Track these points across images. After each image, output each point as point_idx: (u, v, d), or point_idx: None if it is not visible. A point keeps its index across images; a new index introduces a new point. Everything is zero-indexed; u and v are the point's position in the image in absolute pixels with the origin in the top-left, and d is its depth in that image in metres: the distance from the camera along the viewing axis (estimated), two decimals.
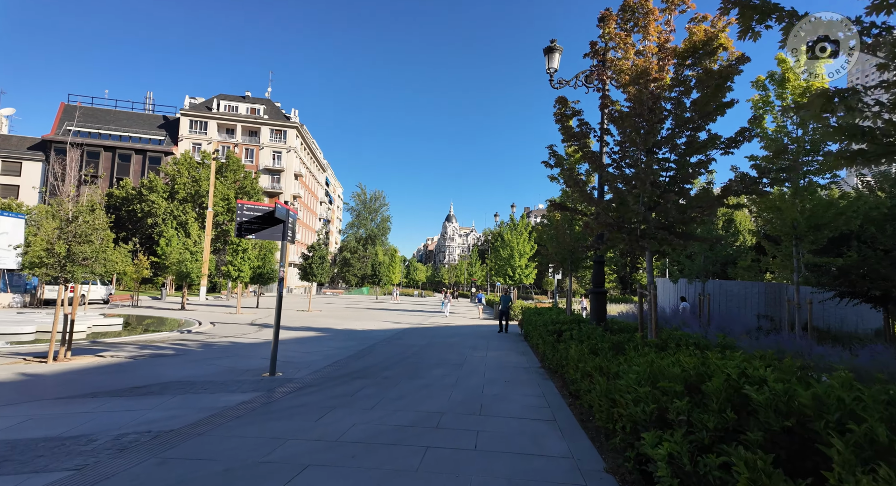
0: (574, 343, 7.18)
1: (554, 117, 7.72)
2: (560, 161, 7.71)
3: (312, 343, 12.94)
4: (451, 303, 30.76)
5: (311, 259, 27.64)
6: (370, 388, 7.21)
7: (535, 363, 10.23)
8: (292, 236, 8.82)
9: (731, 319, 15.90)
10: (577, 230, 12.97)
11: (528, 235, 28.23)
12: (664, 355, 5.23)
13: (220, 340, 13.19)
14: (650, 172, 6.42)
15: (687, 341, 6.49)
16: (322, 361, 9.96)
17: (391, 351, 11.69)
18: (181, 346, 11.66)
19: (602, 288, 9.77)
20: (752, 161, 10.94)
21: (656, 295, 6.70)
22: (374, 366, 9.40)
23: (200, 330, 15.56)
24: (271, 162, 64.42)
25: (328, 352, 11.28)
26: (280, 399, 6.34)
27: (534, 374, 8.90)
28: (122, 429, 4.86)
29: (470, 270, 74.86)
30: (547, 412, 6.03)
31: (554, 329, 9.09)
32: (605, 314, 9.80)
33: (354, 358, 10.44)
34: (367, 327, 18.30)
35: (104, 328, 15.51)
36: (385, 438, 4.75)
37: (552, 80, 10.14)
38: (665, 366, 4.31)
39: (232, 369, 8.65)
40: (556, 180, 13.23)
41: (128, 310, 23.58)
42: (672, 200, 6.33)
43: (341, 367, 9.24)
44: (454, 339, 14.95)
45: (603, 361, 5.49)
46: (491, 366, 9.71)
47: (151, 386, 7.03)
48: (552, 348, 8.75)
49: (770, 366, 3.90)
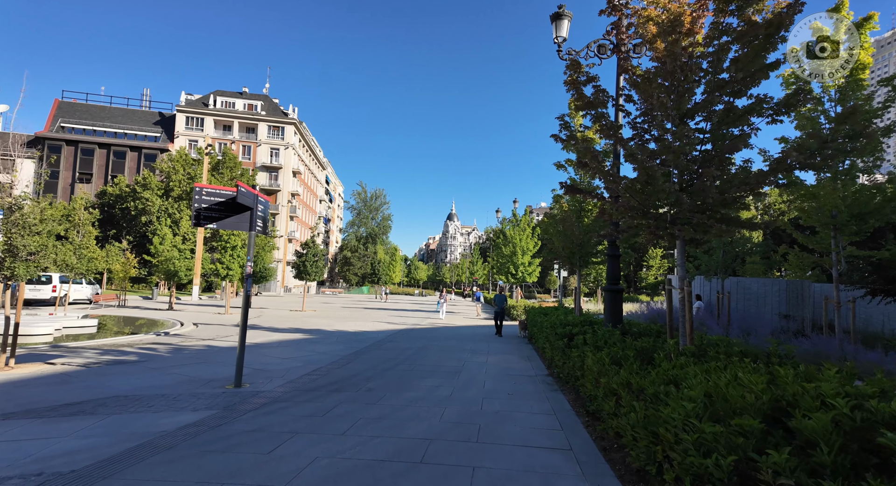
0: (590, 350, 6.03)
1: (565, 86, 6.55)
2: (572, 134, 6.53)
3: (295, 347, 11.80)
4: (447, 303, 28.41)
5: (306, 257, 26.52)
6: (348, 404, 6.06)
7: (542, 370, 9.08)
8: (263, 226, 7.67)
9: (750, 319, 14.72)
10: (587, 223, 11.81)
11: (530, 232, 27.05)
12: (709, 367, 4.08)
13: (196, 343, 12.06)
14: (686, 143, 5.26)
15: (729, 349, 5.34)
16: (301, 368, 8.82)
17: (381, 356, 10.55)
18: (149, 350, 10.54)
19: (618, 285, 8.62)
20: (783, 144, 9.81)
21: (690, 292, 5.53)
22: (359, 375, 8.26)
23: (179, 332, 14.45)
24: (269, 159, 63.30)
25: (310, 357, 10.14)
26: (234, 421, 5.20)
27: (541, 384, 7.75)
28: (4, 471, 3.72)
29: (472, 268, 73.73)
30: (560, 436, 4.88)
31: (564, 332, 7.93)
32: (622, 315, 8.64)
33: (339, 365, 9.30)
34: (360, 329, 17.16)
35: (77, 330, 14.40)
36: (351, 481, 3.61)
37: (560, 50, 8.96)
38: (721, 386, 3.17)
39: (193, 380, 7.51)
40: (564, 168, 12.11)
41: (111, 310, 22.49)
42: (712, 176, 5.16)
43: (321, 376, 8.10)
44: (452, 341, 13.80)
45: (631, 375, 4.34)
46: (492, 374, 8.57)
47: (87, 403, 5.90)
48: (562, 354, 7.60)
49: (884, 391, 2.75)
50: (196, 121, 61.90)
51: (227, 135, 62.55)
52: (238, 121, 62.92)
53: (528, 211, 27.95)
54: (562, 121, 6.53)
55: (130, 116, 62.29)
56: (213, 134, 61.56)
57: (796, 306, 16.34)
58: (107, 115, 60.88)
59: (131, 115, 62.52)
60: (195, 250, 33.45)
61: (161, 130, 61.46)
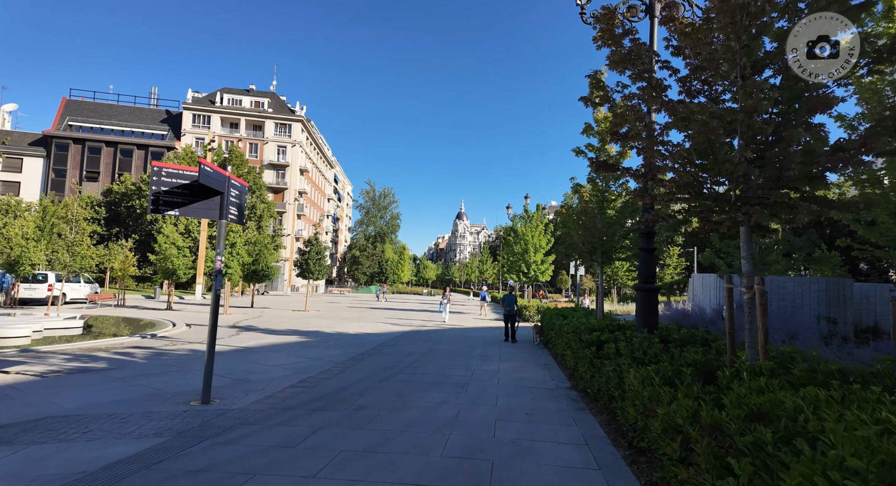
0: (627, 363, 4.85)
1: (595, 42, 5.37)
2: (606, 95, 5.31)
3: (287, 352, 10.73)
4: (450, 303, 23.64)
5: (308, 255, 25.51)
6: (329, 429, 4.94)
7: (562, 382, 7.90)
8: (238, 214, 6.58)
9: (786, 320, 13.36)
10: (611, 215, 10.59)
11: (543, 229, 25.80)
12: (811, 396, 2.88)
13: (180, 347, 11.04)
14: (761, 98, 4.04)
15: (817, 365, 4.12)
16: (286, 378, 7.73)
17: (380, 364, 9.43)
18: (124, 356, 9.53)
19: (653, 283, 7.41)
20: (841, 122, 8.56)
21: (763, 293, 4.32)
22: (352, 387, 7.14)
23: (168, 334, 13.46)
24: (276, 157, 62.58)
25: (301, 365, 9.05)
26: (179, 455, 4.10)
27: (563, 400, 6.58)
28: None
29: (481, 267, 72.47)
30: (598, 481, 3.71)
31: (591, 339, 6.73)
32: (657, 318, 7.43)
33: (331, 374, 8.20)
34: (362, 331, 16.07)
35: (60, 332, 13.48)
36: None
37: (584, 12, 7.76)
38: (871, 438, 1.98)
39: (157, 394, 6.44)
40: (584, 154, 10.92)
41: (108, 310, 21.66)
42: (797, 140, 3.94)
43: (307, 388, 6.99)
44: (460, 346, 12.65)
45: (703, 407, 3.15)
46: (505, 386, 7.40)
47: (10, 427, 4.84)
48: (589, 365, 6.42)
49: None
50: (203, 118, 61.37)
51: (234, 133, 61.94)
52: (245, 118, 62.27)
53: (540, 208, 26.67)
54: (594, 79, 5.34)
55: (137, 114, 61.94)
56: (220, 132, 60.99)
57: (837, 308, 14.95)
58: (114, 113, 60.59)
59: (138, 113, 62.18)
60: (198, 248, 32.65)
61: (168, 127, 61.02)
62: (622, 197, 10.66)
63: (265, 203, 51.30)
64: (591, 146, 10.74)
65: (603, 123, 10.47)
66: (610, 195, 10.76)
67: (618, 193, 10.65)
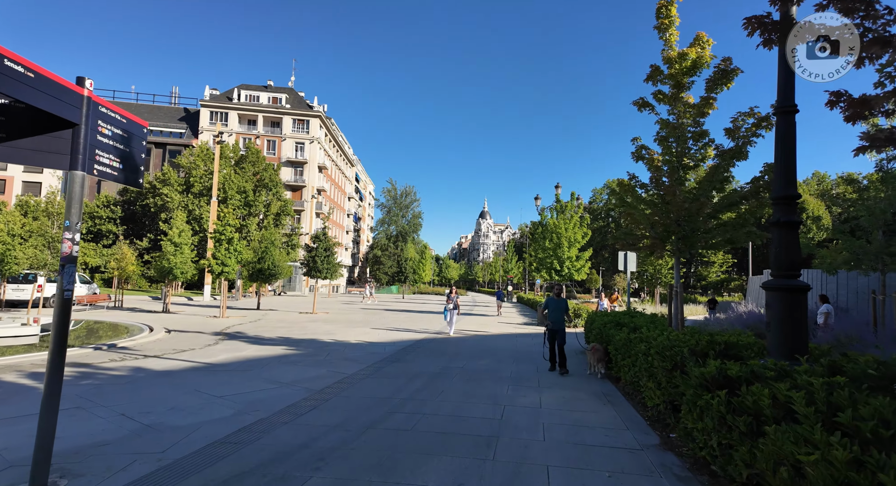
0: (825, 441, 2.04)
1: None
2: None
3: (255, 372, 8.18)
4: (458, 310, 15.57)
5: (315, 252, 23.14)
6: None
7: (643, 430, 5.11)
8: (123, 170, 4.00)
9: None
10: (691, 186, 7.71)
11: (578, 220, 22.79)
12: None
13: (131, 363, 8.66)
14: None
15: None
16: (222, 423, 5.14)
17: (372, 394, 6.78)
18: (33, 379, 7.16)
19: (795, 278, 4.54)
20: None
21: None
22: (312, 445, 4.50)
23: (132, 343, 11.16)
24: (294, 154, 60.90)
25: (260, 396, 6.48)
26: None
27: (660, 474, 3.80)
28: None
29: (505, 266, 69.37)
30: None
31: (712, 375, 3.89)
32: (807, 336, 4.53)
33: (293, 414, 5.59)
34: (367, 339, 13.45)
35: (8, 341, 11.34)
36: None
37: None
38: None
39: None
40: (650, 107, 8.12)
41: (96, 313, 19.74)
42: None
43: (238, 448, 4.39)
44: (482, 362, 9.90)
45: None
46: (556, 447, 4.64)
47: None
48: (719, 423, 3.59)
49: None
50: (220, 115, 60.17)
51: (251, 130, 60.57)
52: (262, 115, 60.80)
53: (574, 196, 23.63)
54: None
55: (156, 112, 61.28)
56: (238, 129, 59.70)
57: None
58: (132, 111, 59.99)
59: (156, 111, 61.52)
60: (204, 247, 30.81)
61: (186, 125, 60.14)
62: (705, 160, 7.77)
63: (282, 201, 49.49)
64: (660, 94, 7.89)
65: (679, 61, 7.60)
66: (687, 160, 7.85)
67: (700, 157, 7.75)
